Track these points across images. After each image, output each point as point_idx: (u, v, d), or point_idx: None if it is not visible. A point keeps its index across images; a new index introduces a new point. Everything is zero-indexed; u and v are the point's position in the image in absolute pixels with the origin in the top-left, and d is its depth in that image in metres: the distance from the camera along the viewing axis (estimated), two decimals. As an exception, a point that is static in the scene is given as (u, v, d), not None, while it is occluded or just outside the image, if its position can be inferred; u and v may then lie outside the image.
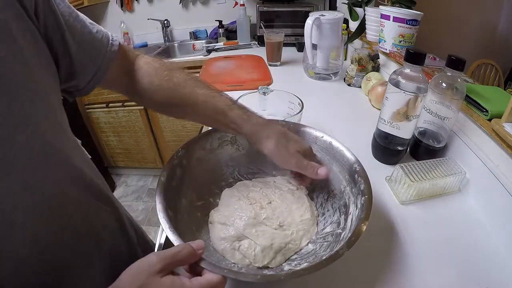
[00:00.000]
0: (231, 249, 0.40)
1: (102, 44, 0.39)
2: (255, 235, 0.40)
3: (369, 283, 0.38)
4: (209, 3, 1.88)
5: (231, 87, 0.98)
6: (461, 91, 0.51)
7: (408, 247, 0.43)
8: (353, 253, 0.42)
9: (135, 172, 2.09)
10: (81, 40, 0.36)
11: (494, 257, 0.42)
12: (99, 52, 0.38)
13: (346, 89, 0.98)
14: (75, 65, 0.36)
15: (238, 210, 0.43)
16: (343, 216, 0.42)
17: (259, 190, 0.47)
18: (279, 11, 1.49)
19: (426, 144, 0.58)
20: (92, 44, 0.38)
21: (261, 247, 0.39)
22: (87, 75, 0.38)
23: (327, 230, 0.43)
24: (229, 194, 0.47)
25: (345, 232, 0.38)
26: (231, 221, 0.42)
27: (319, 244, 0.41)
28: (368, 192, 0.39)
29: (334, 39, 0.98)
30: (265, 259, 0.39)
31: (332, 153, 0.47)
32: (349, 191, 0.43)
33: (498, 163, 0.47)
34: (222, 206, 0.45)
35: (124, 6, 1.85)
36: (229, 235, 0.40)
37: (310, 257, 0.40)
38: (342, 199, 0.44)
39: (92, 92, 0.40)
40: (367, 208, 0.37)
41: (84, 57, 0.37)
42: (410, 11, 0.82)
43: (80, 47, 0.36)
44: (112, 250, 0.41)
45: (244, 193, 0.46)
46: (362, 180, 0.41)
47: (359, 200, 0.40)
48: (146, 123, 1.74)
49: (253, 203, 0.44)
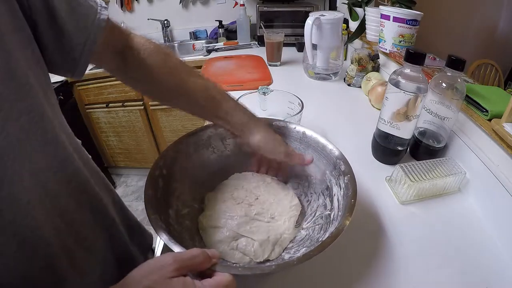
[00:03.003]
0: (230, 250, 0.40)
1: (91, 10, 0.36)
2: (251, 232, 0.41)
3: (368, 282, 0.38)
4: (209, 3, 1.88)
5: (231, 87, 0.98)
6: (461, 91, 0.51)
7: (408, 247, 0.43)
8: (353, 253, 0.43)
9: (135, 172, 2.09)
10: (69, 7, 0.33)
11: (494, 257, 0.42)
12: (87, 19, 0.35)
13: (346, 89, 0.98)
14: (64, 34, 0.33)
15: (227, 211, 0.43)
16: (328, 198, 0.44)
17: (242, 188, 0.47)
18: (279, 11, 1.49)
19: (426, 144, 0.58)
20: (81, 10, 0.34)
21: (259, 242, 0.40)
22: (78, 46, 0.35)
23: (316, 213, 0.45)
24: (213, 198, 0.46)
25: (334, 211, 0.41)
26: (222, 223, 0.42)
27: (311, 228, 0.43)
28: (349, 171, 0.42)
29: (334, 39, 0.98)
30: (265, 252, 0.39)
31: (306, 141, 0.50)
32: (329, 174, 0.46)
33: (498, 163, 0.47)
34: (208, 210, 0.45)
35: (124, 6, 1.85)
36: (225, 236, 0.40)
37: (306, 242, 0.41)
38: (323, 183, 0.46)
39: (92, 92, 0.40)
40: (352, 185, 0.40)
41: (72, 25, 0.33)
42: (410, 11, 0.82)
43: (67, 14, 0.33)
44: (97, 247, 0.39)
45: (227, 194, 0.46)
46: (341, 161, 0.44)
47: (341, 180, 0.42)
48: (146, 123, 1.75)
49: (240, 202, 0.44)
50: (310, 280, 0.39)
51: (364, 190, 0.53)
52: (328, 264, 0.40)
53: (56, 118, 0.33)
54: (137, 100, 1.65)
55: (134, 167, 2.02)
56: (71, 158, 0.35)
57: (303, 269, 0.40)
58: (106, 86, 1.56)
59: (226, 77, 1.10)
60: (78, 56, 0.35)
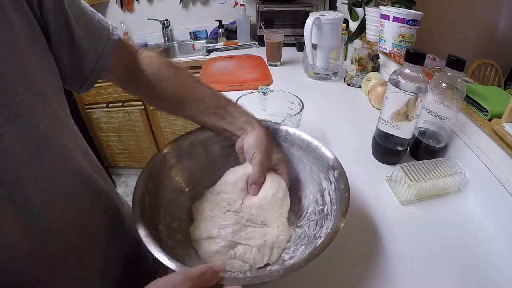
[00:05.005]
0: (228, 260, 0.39)
1: (104, 31, 0.39)
2: (247, 238, 0.40)
3: (369, 282, 0.38)
4: (209, 3, 1.88)
5: (231, 87, 0.98)
6: (461, 91, 0.51)
7: (408, 247, 0.43)
8: (353, 253, 0.43)
9: (135, 172, 2.09)
10: (84, 26, 0.36)
11: (494, 257, 0.42)
12: (101, 39, 0.38)
13: (346, 89, 0.98)
14: (78, 51, 0.36)
15: (217, 220, 0.42)
16: (319, 194, 0.44)
17: (223, 193, 0.44)
18: (279, 11, 1.49)
19: (426, 144, 0.58)
20: (94, 30, 0.38)
21: (257, 247, 0.39)
22: (90, 63, 0.38)
23: (309, 210, 0.44)
24: (200, 208, 0.45)
25: (327, 206, 0.41)
26: (215, 233, 0.40)
27: (306, 226, 0.42)
28: (338, 165, 0.41)
29: (334, 39, 0.98)
30: (264, 257, 0.39)
31: (290, 140, 0.49)
32: (317, 169, 0.45)
33: (498, 163, 0.47)
34: (198, 221, 0.43)
35: (124, 6, 1.85)
36: (221, 246, 0.39)
37: (303, 240, 0.40)
38: (312, 179, 0.46)
39: (92, 92, 0.41)
40: (344, 179, 0.39)
41: (87, 43, 0.37)
42: (410, 11, 0.82)
43: (83, 32, 0.36)
44: (107, 247, 0.40)
45: (212, 202, 0.44)
46: (328, 157, 0.43)
47: (330, 175, 0.42)
48: (146, 123, 1.75)
49: (226, 211, 0.42)
50: (310, 280, 0.39)
51: (364, 190, 0.53)
52: (327, 264, 0.40)
53: (68, 124, 0.36)
54: (137, 100, 1.65)
55: (134, 167, 2.02)
56: (83, 161, 0.37)
57: (303, 269, 0.40)
58: (106, 86, 1.56)
59: (226, 77, 1.10)
60: (89, 72, 0.38)
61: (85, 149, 0.40)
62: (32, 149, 0.28)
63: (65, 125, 0.35)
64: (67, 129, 0.35)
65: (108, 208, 0.42)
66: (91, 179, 0.38)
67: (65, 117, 0.35)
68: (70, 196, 0.33)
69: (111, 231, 0.41)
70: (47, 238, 0.30)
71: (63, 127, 0.34)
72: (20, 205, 0.27)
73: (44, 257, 0.30)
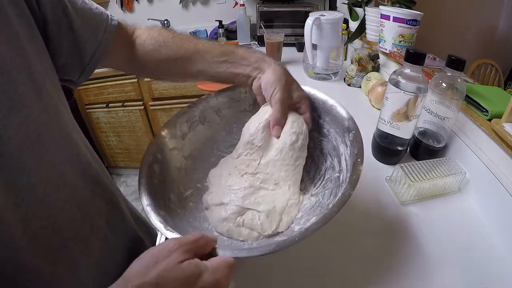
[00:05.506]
0: (236, 227, 0.38)
1: (102, 18, 0.40)
2: (256, 203, 0.39)
3: (369, 282, 0.38)
4: (209, 3, 1.88)
5: (231, 87, 0.98)
6: (461, 91, 0.51)
7: (407, 247, 0.43)
8: (352, 253, 0.43)
9: (135, 172, 2.08)
10: (83, 14, 0.37)
11: (494, 257, 0.42)
12: (100, 26, 0.39)
13: (346, 89, 0.98)
14: (78, 40, 0.37)
15: (232, 185, 0.41)
16: (336, 159, 0.41)
17: (244, 156, 0.43)
18: (279, 11, 1.49)
19: (426, 144, 0.58)
20: (94, 18, 0.39)
21: (265, 213, 0.38)
22: (90, 50, 0.39)
23: (325, 177, 0.42)
24: (216, 174, 0.44)
25: (343, 173, 0.38)
26: (227, 199, 0.40)
27: (321, 194, 0.40)
28: (354, 127, 0.38)
29: (334, 39, 0.98)
30: (273, 224, 0.38)
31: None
32: (334, 132, 0.42)
33: (498, 163, 0.47)
34: (213, 187, 0.43)
35: (124, 6, 1.85)
36: (231, 213, 0.38)
37: (316, 210, 0.38)
38: (329, 143, 0.43)
39: (92, 92, 0.41)
40: (358, 143, 0.36)
41: (87, 31, 0.38)
42: (410, 11, 0.82)
43: (83, 21, 0.37)
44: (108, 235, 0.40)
45: (231, 167, 0.43)
46: (344, 118, 0.40)
47: (346, 138, 0.39)
48: (146, 123, 1.75)
49: (244, 174, 0.42)
50: (310, 280, 0.39)
51: (364, 190, 0.53)
52: (327, 263, 0.40)
53: (68, 116, 0.37)
54: (137, 100, 1.66)
55: (134, 167, 2.02)
56: (83, 152, 0.38)
57: (303, 268, 0.40)
58: (106, 86, 1.56)
59: (226, 77, 1.10)
60: (89, 59, 0.39)
61: (85, 141, 0.41)
62: (36, 138, 0.29)
63: (66, 116, 0.36)
64: (68, 120, 0.36)
65: (109, 198, 0.42)
66: (92, 169, 0.39)
67: (65, 109, 0.36)
68: (72, 184, 0.34)
69: (111, 218, 0.41)
70: (48, 228, 0.30)
71: (64, 118, 0.35)
72: (24, 194, 0.28)
73: (44, 248, 0.30)
